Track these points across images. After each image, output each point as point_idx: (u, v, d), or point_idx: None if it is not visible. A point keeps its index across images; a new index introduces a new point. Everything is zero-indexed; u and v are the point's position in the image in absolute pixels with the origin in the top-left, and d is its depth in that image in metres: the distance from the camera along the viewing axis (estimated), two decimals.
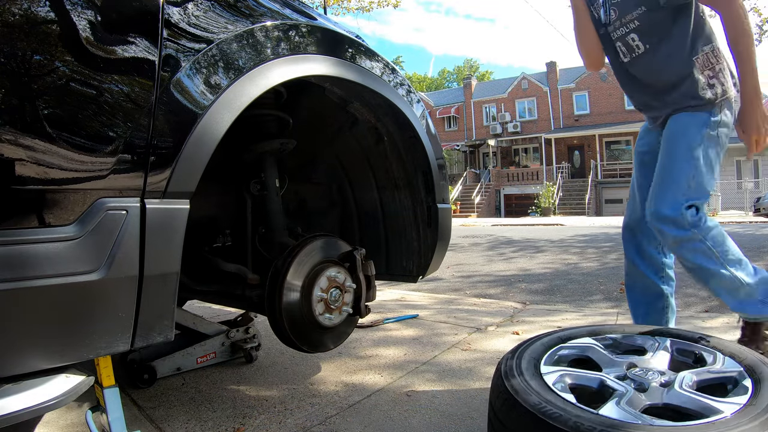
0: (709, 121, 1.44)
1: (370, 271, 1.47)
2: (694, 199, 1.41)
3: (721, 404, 0.96)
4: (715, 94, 1.44)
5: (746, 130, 1.39)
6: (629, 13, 1.47)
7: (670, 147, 1.47)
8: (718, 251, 1.42)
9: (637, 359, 1.23)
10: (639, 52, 1.50)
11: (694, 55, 1.45)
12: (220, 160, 1.11)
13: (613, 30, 1.54)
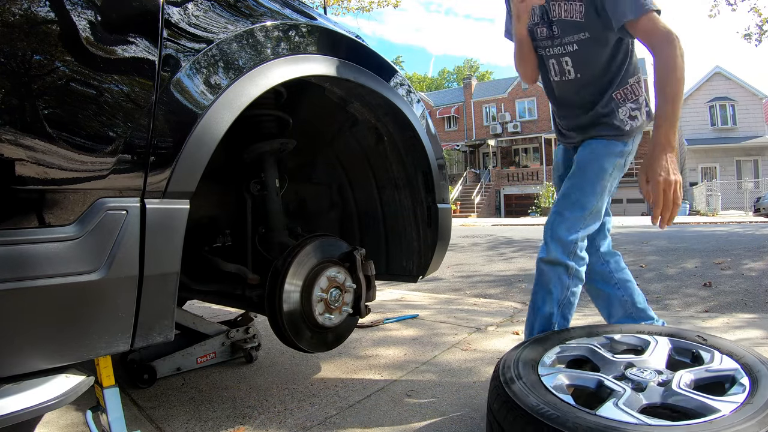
0: (622, 151, 1.48)
1: (370, 271, 1.47)
2: (588, 227, 1.44)
3: (719, 403, 0.96)
4: (632, 127, 1.46)
5: (650, 179, 1.28)
6: (571, 35, 1.41)
7: (581, 172, 1.46)
8: (567, 293, 1.43)
9: (634, 359, 1.23)
10: (569, 78, 1.47)
11: (622, 86, 1.44)
12: (220, 160, 1.11)
13: (549, 46, 1.48)
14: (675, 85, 1.24)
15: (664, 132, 1.27)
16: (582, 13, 1.37)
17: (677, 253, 5.06)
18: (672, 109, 1.26)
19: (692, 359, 1.25)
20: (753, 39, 9.93)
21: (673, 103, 1.26)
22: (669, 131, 1.27)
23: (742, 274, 3.71)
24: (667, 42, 1.25)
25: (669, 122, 1.27)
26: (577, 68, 1.45)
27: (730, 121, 21.55)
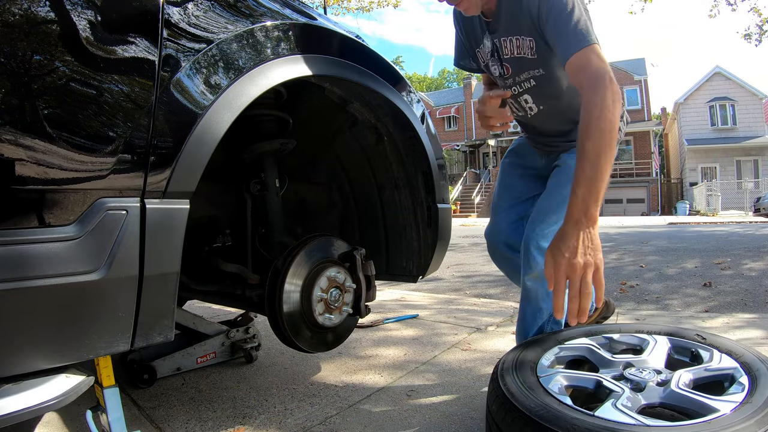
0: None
1: (370, 271, 1.47)
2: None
3: (718, 402, 0.96)
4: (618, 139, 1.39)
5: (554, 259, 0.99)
6: (525, 72, 1.32)
7: (564, 181, 1.33)
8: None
9: (633, 358, 1.23)
10: (532, 113, 1.40)
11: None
12: (220, 160, 1.11)
13: (504, 86, 1.40)
14: (599, 140, 0.99)
15: (580, 200, 0.99)
16: (533, 50, 1.26)
17: (677, 253, 5.06)
18: (593, 170, 0.99)
19: (691, 358, 1.25)
20: (753, 39, 9.94)
21: (596, 162, 0.99)
22: (588, 199, 0.99)
23: (742, 274, 3.71)
24: (595, 82, 1.04)
25: (588, 188, 0.99)
26: (538, 102, 1.37)
27: (730, 121, 21.56)
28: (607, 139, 1.00)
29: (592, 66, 1.07)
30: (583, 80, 1.07)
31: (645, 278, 3.75)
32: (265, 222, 1.51)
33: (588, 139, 1.00)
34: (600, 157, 0.99)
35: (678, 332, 1.34)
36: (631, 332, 1.37)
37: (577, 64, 1.09)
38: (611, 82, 1.04)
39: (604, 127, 1.00)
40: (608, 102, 1.02)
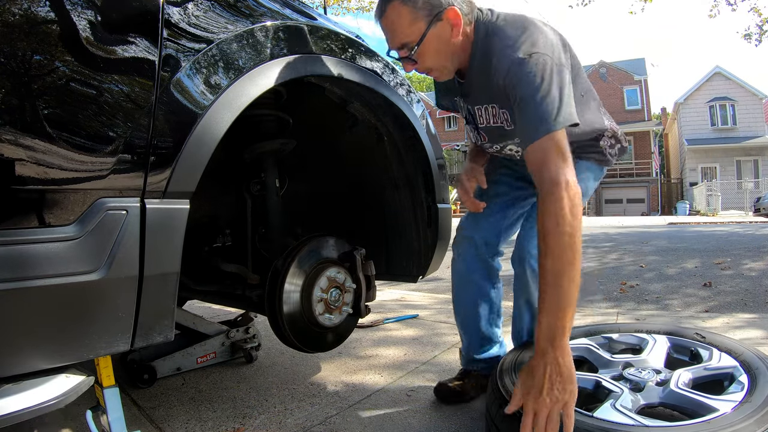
0: (601, 174, 1.39)
1: (370, 271, 1.47)
2: None
3: (717, 402, 0.96)
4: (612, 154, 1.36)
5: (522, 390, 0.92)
6: (503, 141, 1.27)
7: None
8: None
9: (633, 358, 1.23)
10: (519, 157, 1.32)
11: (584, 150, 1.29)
12: (220, 160, 1.11)
13: (483, 148, 1.37)
14: (558, 257, 0.90)
15: (545, 328, 0.89)
16: (509, 121, 1.18)
17: (677, 253, 5.06)
18: (556, 294, 0.89)
19: (691, 357, 1.25)
20: (753, 39, 9.93)
21: (557, 285, 0.89)
22: (554, 327, 0.88)
23: (742, 274, 3.71)
24: (550, 187, 0.93)
25: (552, 315, 0.89)
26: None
27: (730, 121, 21.57)
28: (567, 257, 0.89)
29: (548, 164, 0.95)
30: (539, 181, 0.96)
31: (645, 278, 3.75)
32: (265, 222, 1.51)
33: (546, 255, 0.91)
34: (561, 278, 0.89)
35: (677, 331, 1.34)
36: (630, 332, 1.37)
37: (534, 159, 0.98)
38: (568, 187, 0.92)
39: (563, 243, 0.90)
40: (565, 212, 0.91)
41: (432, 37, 1.06)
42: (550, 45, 1.04)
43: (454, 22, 1.07)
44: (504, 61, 1.04)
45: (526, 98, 0.99)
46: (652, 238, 6.77)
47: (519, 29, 1.06)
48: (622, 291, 3.37)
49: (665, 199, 23.84)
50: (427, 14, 1.05)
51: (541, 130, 0.97)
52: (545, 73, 0.99)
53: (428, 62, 1.11)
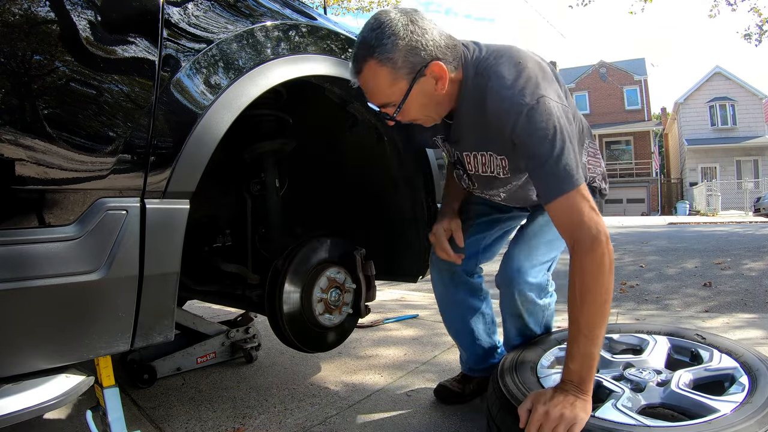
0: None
1: (370, 271, 1.47)
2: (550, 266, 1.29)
3: (718, 403, 0.96)
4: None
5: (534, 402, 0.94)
6: (495, 189, 1.22)
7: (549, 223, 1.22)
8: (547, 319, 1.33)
9: (633, 359, 1.23)
10: (499, 200, 1.30)
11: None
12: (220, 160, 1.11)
13: (471, 192, 1.32)
14: (595, 314, 0.90)
15: (575, 374, 0.91)
16: (506, 169, 1.10)
17: (677, 253, 5.06)
18: (589, 345, 0.91)
19: (691, 358, 1.25)
20: (753, 39, 9.93)
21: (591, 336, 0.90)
22: (583, 373, 0.91)
23: (742, 274, 3.71)
24: (591, 244, 0.91)
25: (583, 363, 0.91)
26: (512, 201, 1.28)
27: (730, 121, 21.57)
28: (603, 311, 0.91)
29: (584, 221, 0.92)
30: (575, 239, 0.93)
31: (645, 278, 3.75)
32: (265, 222, 1.51)
33: (582, 314, 0.90)
34: (596, 330, 0.90)
35: (678, 332, 1.34)
36: (631, 332, 1.37)
37: (565, 218, 0.94)
38: (608, 242, 0.91)
39: (601, 300, 0.90)
40: (605, 269, 0.90)
41: (415, 95, 0.99)
42: (549, 80, 0.99)
43: (438, 75, 0.98)
44: (508, 109, 0.95)
45: (544, 155, 0.93)
46: (652, 238, 6.77)
47: (513, 67, 0.99)
48: (622, 291, 3.37)
49: (665, 199, 23.84)
50: (408, 72, 0.96)
51: (566, 186, 0.92)
52: (557, 122, 0.93)
53: (413, 115, 1.05)
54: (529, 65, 0.99)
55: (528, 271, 1.22)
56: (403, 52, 0.94)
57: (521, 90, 0.95)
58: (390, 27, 0.94)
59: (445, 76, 0.99)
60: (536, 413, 0.90)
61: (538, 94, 0.94)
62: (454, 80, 1.03)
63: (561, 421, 0.87)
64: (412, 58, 0.95)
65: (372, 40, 0.94)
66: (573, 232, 0.93)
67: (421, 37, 0.95)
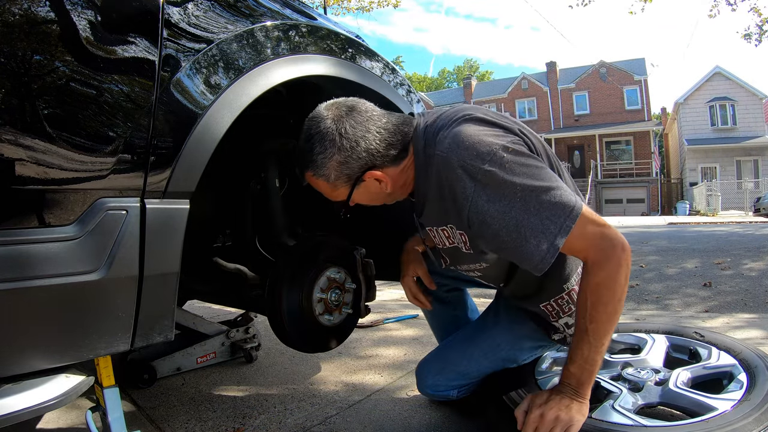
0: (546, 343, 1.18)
1: (370, 271, 1.47)
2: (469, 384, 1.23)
3: (716, 401, 0.96)
4: (563, 337, 1.14)
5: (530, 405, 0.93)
6: (464, 264, 1.11)
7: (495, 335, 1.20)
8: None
9: (632, 358, 1.23)
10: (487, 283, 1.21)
11: (555, 296, 1.07)
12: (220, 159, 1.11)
13: (446, 269, 1.21)
14: (604, 323, 0.87)
15: (574, 378, 0.90)
16: (467, 244, 1.00)
17: (677, 253, 5.06)
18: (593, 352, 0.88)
19: (690, 356, 1.25)
20: (753, 39, 9.93)
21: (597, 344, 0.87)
22: (582, 378, 0.89)
23: (742, 274, 3.71)
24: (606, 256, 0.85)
25: (583, 368, 0.89)
26: (491, 281, 1.17)
27: (730, 121, 21.56)
28: (613, 321, 0.87)
29: (596, 236, 0.85)
30: (589, 254, 0.87)
31: (645, 278, 3.75)
32: (266, 222, 1.51)
33: (592, 321, 0.86)
34: (602, 338, 0.87)
35: (676, 330, 1.34)
36: (629, 332, 1.37)
37: (570, 247, 0.87)
38: (623, 251, 0.84)
39: (612, 311, 0.86)
40: (621, 281, 0.85)
41: (361, 194, 0.99)
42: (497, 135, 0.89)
43: (379, 179, 0.96)
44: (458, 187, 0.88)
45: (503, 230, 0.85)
46: (652, 238, 6.77)
47: (455, 135, 0.90)
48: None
49: (665, 199, 23.83)
50: (345, 181, 0.95)
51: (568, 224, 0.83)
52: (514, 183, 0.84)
53: (366, 204, 1.04)
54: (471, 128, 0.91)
55: (436, 385, 1.23)
56: (335, 167, 0.93)
57: (466, 163, 0.87)
58: (321, 141, 0.92)
59: (385, 179, 0.96)
60: (531, 416, 0.90)
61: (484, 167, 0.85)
62: (406, 166, 0.99)
63: (556, 423, 0.88)
64: (346, 171, 0.94)
65: (306, 152, 0.94)
66: (586, 253, 0.88)
67: (351, 150, 0.92)
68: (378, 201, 1.04)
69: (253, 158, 1.49)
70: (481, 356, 1.19)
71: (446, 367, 1.22)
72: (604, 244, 0.85)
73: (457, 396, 1.24)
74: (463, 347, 1.23)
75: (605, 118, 23.65)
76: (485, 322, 1.26)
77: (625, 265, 0.84)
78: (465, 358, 1.20)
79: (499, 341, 1.18)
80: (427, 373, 1.23)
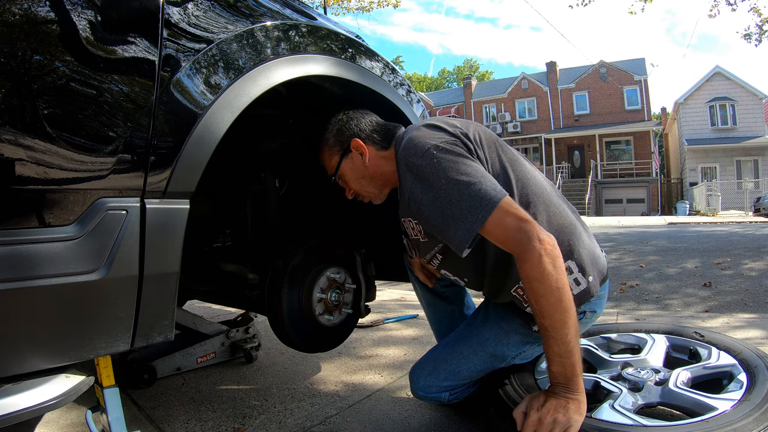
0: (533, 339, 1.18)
1: (370, 271, 1.47)
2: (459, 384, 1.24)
3: (716, 401, 0.96)
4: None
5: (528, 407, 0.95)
6: (427, 252, 1.19)
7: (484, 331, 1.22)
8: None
9: (632, 358, 1.23)
10: (463, 282, 1.25)
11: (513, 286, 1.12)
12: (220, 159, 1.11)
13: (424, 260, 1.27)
14: (553, 314, 0.89)
15: (559, 377, 0.92)
16: (423, 232, 1.13)
17: (677, 253, 5.06)
18: (561, 346, 0.90)
19: (690, 356, 1.25)
20: (753, 39, 9.93)
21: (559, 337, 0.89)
22: (566, 373, 0.91)
23: (742, 274, 3.71)
24: (523, 250, 0.90)
25: (562, 364, 0.91)
26: (459, 275, 1.22)
27: (730, 121, 21.55)
28: (562, 309, 0.89)
29: (510, 230, 0.92)
30: (510, 246, 0.94)
31: (645, 278, 3.75)
32: (266, 222, 1.52)
33: (543, 317, 0.91)
34: (562, 329, 0.90)
35: (676, 330, 1.34)
36: (629, 332, 1.37)
37: (492, 235, 0.95)
38: (540, 242, 0.89)
39: (555, 300, 0.89)
40: (548, 270, 0.88)
41: (346, 167, 1.21)
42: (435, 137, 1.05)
43: (360, 151, 1.19)
44: (404, 180, 1.06)
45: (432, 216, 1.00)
46: (652, 238, 6.77)
47: (407, 139, 1.08)
48: (622, 291, 3.37)
49: (665, 199, 23.83)
50: (338, 149, 1.21)
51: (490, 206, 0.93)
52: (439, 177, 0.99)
53: (354, 186, 1.23)
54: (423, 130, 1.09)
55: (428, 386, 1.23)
56: (333, 133, 1.22)
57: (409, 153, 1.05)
58: (331, 122, 1.24)
59: (366, 151, 1.18)
60: (530, 420, 0.92)
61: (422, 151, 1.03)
62: (387, 157, 1.19)
63: (554, 426, 0.89)
64: (340, 138, 1.21)
65: (323, 132, 1.25)
66: (507, 245, 0.95)
67: (346, 123, 1.22)
68: (361, 183, 1.22)
69: (252, 158, 1.49)
70: (470, 353, 1.20)
71: (437, 366, 1.23)
72: (520, 236, 0.91)
73: (449, 399, 1.24)
74: (453, 346, 1.25)
75: (605, 118, 23.64)
76: (475, 321, 1.28)
77: (545, 253, 0.89)
78: (455, 355, 1.22)
79: (487, 336, 1.21)
80: (419, 375, 1.25)
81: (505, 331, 1.19)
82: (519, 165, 1.13)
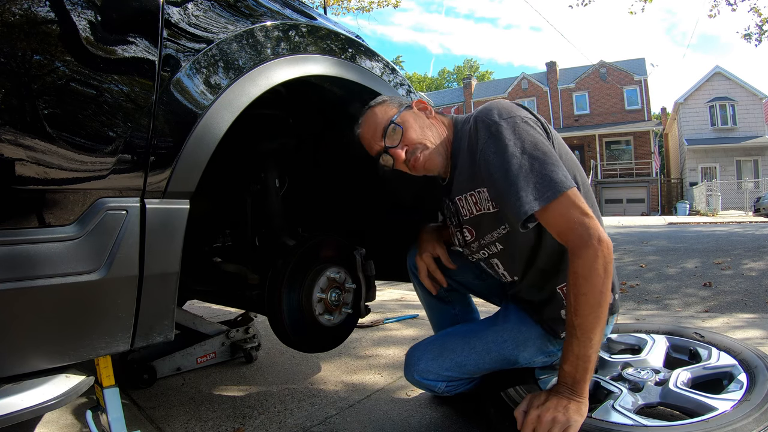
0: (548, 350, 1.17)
1: (370, 271, 1.47)
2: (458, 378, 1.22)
3: (716, 401, 0.96)
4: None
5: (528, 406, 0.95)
6: (489, 233, 1.13)
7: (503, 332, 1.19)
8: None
9: (632, 358, 1.23)
10: (507, 281, 1.22)
11: (561, 283, 1.10)
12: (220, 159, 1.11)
13: (470, 253, 1.23)
14: (588, 316, 0.89)
15: (569, 377, 0.92)
16: (493, 202, 1.07)
17: (677, 253, 5.06)
18: (583, 348, 0.89)
19: (690, 356, 1.25)
20: (753, 39, 9.93)
21: (585, 340, 0.89)
22: (577, 375, 0.91)
23: (742, 274, 3.71)
24: (581, 247, 0.90)
25: (576, 365, 0.90)
26: (510, 271, 1.17)
27: (730, 121, 21.55)
28: (597, 314, 0.89)
29: (573, 222, 0.91)
30: (568, 237, 0.93)
31: (645, 278, 3.76)
32: (266, 222, 1.52)
33: (576, 315, 0.90)
34: (590, 333, 0.89)
35: (676, 330, 1.34)
36: (629, 332, 1.37)
37: (550, 222, 0.95)
38: (600, 244, 0.89)
39: (594, 302, 0.88)
40: (599, 272, 0.88)
41: (407, 115, 1.15)
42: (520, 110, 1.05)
43: (422, 107, 1.17)
44: (477, 137, 1.04)
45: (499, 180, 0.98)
46: (652, 238, 6.77)
47: (488, 104, 1.08)
48: (622, 291, 3.37)
49: (665, 199, 23.83)
50: (397, 106, 1.17)
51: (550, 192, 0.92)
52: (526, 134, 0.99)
53: (413, 135, 1.12)
54: (504, 102, 1.08)
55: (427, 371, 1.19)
56: (389, 98, 1.20)
57: (491, 113, 1.04)
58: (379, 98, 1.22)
59: (428, 107, 1.17)
60: (529, 417, 0.92)
61: (507, 115, 1.02)
62: (447, 125, 1.19)
63: (554, 424, 0.89)
64: (399, 100, 1.19)
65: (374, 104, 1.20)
66: (565, 236, 0.94)
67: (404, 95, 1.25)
68: (423, 131, 1.14)
69: (253, 158, 1.49)
70: (484, 350, 1.17)
71: (444, 353, 1.18)
72: (582, 231, 0.91)
73: (443, 391, 1.21)
74: (466, 338, 1.21)
75: (605, 118, 23.65)
76: (495, 321, 1.25)
77: (602, 256, 0.89)
78: (467, 348, 1.18)
79: (506, 337, 1.17)
80: (419, 358, 1.20)
81: (525, 337, 1.17)
82: (579, 170, 1.12)
